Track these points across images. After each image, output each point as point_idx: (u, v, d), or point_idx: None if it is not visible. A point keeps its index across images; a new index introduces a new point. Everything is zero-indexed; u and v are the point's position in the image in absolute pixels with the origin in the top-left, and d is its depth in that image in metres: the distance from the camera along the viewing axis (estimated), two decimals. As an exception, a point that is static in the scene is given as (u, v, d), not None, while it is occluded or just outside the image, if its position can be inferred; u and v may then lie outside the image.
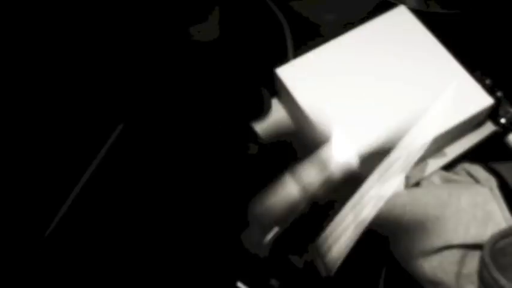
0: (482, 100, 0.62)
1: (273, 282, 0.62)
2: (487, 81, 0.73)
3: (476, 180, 0.61)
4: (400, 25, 0.68)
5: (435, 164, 0.66)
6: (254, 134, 0.70)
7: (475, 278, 0.59)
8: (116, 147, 0.74)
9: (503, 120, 0.71)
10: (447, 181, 0.65)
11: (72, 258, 0.67)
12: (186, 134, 0.74)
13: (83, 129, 0.75)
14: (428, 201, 0.60)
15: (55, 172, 0.72)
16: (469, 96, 0.63)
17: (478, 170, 0.62)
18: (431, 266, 0.59)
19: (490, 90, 0.72)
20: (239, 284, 0.63)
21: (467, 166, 0.63)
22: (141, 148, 0.74)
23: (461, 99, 0.62)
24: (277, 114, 0.71)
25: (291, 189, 0.60)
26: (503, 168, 0.60)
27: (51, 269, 0.66)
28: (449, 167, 0.66)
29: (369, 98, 0.63)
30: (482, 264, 0.51)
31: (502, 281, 0.49)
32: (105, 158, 0.73)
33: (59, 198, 0.70)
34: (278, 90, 0.69)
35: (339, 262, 0.57)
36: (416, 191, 0.63)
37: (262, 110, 0.72)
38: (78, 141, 0.74)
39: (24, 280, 0.66)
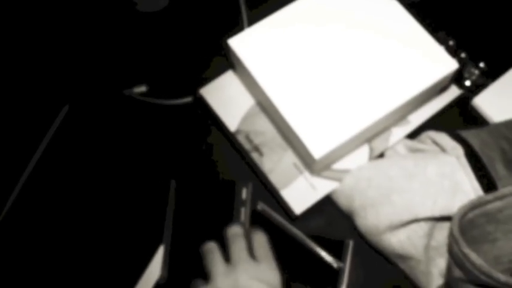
0: (447, 64, 0.59)
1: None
2: (451, 42, 0.70)
3: (442, 149, 0.59)
4: (359, -14, 0.64)
5: (399, 132, 0.63)
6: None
7: (444, 250, 0.57)
8: (62, 129, 0.69)
9: (467, 83, 0.68)
10: (412, 150, 0.62)
11: (26, 242, 0.64)
12: (132, 116, 0.70)
13: (28, 112, 0.71)
14: (394, 173, 0.58)
15: (1, 156, 0.68)
16: (433, 61, 0.59)
17: (443, 138, 0.59)
18: (399, 239, 0.57)
19: (454, 51, 0.70)
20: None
21: (433, 134, 0.61)
22: (88, 129, 0.69)
23: (426, 64, 0.59)
24: (233, 87, 0.67)
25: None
26: (469, 135, 0.58)
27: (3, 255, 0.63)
28: (413, 135, 0.64)
29: (328, 66, 0.59)
30: (452, 238, 0.49)
31: (473, 256, 0.47)
32: (52, 140, 0.69)
33: (8, 183, 0.67)
34: (232, 62, 0.65)
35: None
36: (381, 163, 0.60)
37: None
38: (24, 125, 0.70)
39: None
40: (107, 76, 0.72)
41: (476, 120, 0.66)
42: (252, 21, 0.73)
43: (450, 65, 0.59)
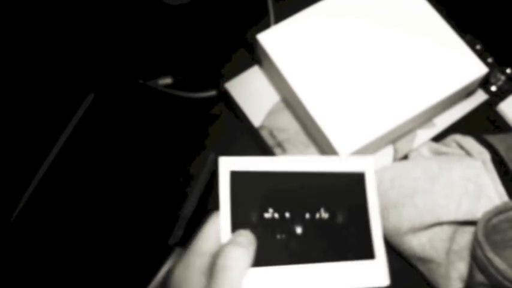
0: (476, 68, 0.59)
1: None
2: (478, 46, 0.70)
3: (468, 153, 0.58)
4: (389, -13, 0.64)
5: (424, 135, 0.63)
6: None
7: (465, 254, 0.57)
8: (87, 117, 0.70)
9: (493, 88, 0.68)
10: (437, 153, 0.62)
11: (50, 226, 0.64)
12: (155, 107, 0.70)
13: (54, 99, 0.71)
14: (417, 174, 0.58)
15: (26, 142, 0.69)
16: (463, 64, 0.59)
17: (469, 142, 0.59)
18: (421, 242, 0.57)
19: (481, 55, 0.69)
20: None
21: (458, 138, 0.60)
22: (112, 118, 0.70)
23: (455, 67, 0.59)
24: (258, 82, 0.67)
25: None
26: (496, 140, 0.58)
27: (19, 252, 0.64)
28: (439, 138, 0.64)
29: (356, 65, 0.59)
30: (476, 243, 0.49)
31: (497, 261, 0.47)
32: (76, 128, 0.69)
33: (32, 168, 0.67)
34: (259, 58, 0.65)
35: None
36: (405, 164, 0.60)
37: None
38: (49, 111, 0.70)
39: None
40: (132, 66, 0.73)
41: (501, 126, 0.66)
42: (278, 15, 0.73)
43: (480, 69, 0.59)
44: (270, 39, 0.61)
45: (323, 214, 0.43)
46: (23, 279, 0.62)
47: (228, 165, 0.42)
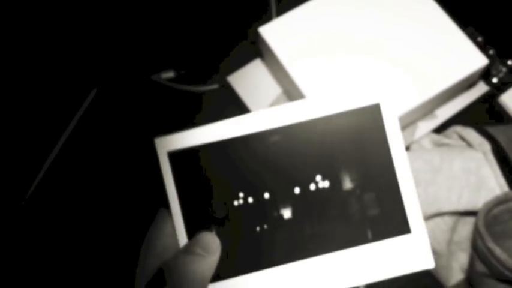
0: (477, 60, 0.59)
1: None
2: (479, 39, 0.70)
3: (469, 144, 0.59)
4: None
5: (426, 126, 0.64)
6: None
7: (466, 245, 0.57)
8: (90, 111, 0.70)
9: (495, 80, 0.68)
10: (438, 145, 0.62)
11: (55, 218, 0.65)
12: (159, 101, 0.71)
13: (57, 94, 0.71)
14: (418, 166, 0.58)
15: (30, 137, 0.69)
16: (464, 56, 0.59)
17: (470, 133, 0.59)
18: (422, 233, 0.58)
19: (482, 47, 0.69)
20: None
21: (459, 129, 0.61)
22: (115, 112, 0.70)
23: (456, 58, 0.59)
24: (260, 75, 0.67)
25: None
26: (497, 131, 0.58)
27: (30, 234, 0.64)
28: (440, 129, 0.64)
29: (358, 58, 0.60)
30: (477, 233, 0.49)
31: (497, 250, 0.47)
32: (79, 123, 0.70)
33: (36, 163, 0.67)
34: (261, 50, 0.65)
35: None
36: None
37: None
38: (52, 107, 0.71)
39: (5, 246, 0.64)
40: (135, 61, 0.73)
41: (503, 117, 0.66)
42: (280, 8, 0.73)
43: (480, 60, 0.59)
44: (271, 32, 0.62)
45: (321, 183, 0.30)
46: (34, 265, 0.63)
47: (165, 145, 0.32)
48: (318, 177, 0.30)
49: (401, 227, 0.30)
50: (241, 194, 0.30)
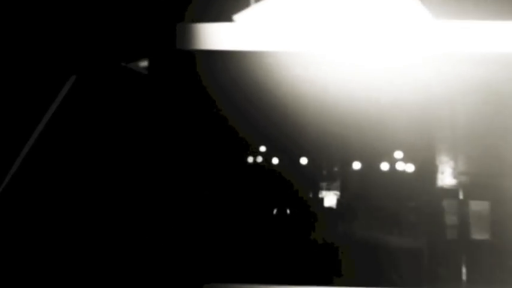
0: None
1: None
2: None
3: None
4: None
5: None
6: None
7: None
8: (69, 98, 0.70)
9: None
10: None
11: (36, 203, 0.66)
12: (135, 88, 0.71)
13: (36, 80, 0.72)
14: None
15: (8, 124, 0.70)
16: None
17: None
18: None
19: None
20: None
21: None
22: (94, 98, 0.71)
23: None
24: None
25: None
26: None
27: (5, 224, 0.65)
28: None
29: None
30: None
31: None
32: (58, 109, 0.70)
33: (13, 150, 0.68)
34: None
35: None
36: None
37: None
38: (31, 93, 0.71)
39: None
40: (114, 49, 0.73)
41: None
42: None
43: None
44: (246, 19, 0.62)
45: None
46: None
47: None
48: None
49: None
50: None
